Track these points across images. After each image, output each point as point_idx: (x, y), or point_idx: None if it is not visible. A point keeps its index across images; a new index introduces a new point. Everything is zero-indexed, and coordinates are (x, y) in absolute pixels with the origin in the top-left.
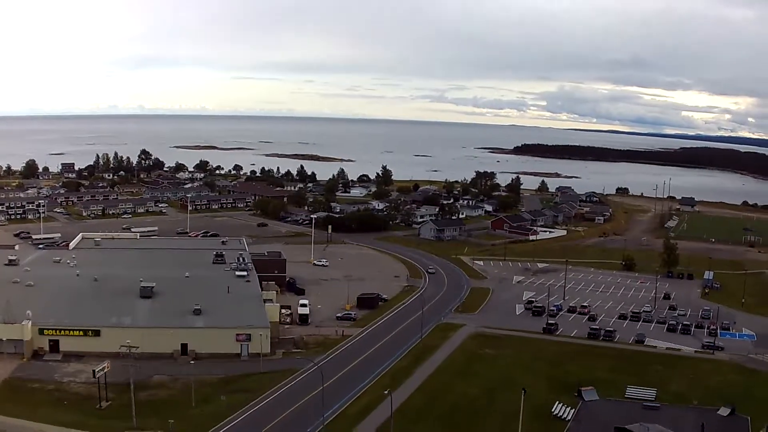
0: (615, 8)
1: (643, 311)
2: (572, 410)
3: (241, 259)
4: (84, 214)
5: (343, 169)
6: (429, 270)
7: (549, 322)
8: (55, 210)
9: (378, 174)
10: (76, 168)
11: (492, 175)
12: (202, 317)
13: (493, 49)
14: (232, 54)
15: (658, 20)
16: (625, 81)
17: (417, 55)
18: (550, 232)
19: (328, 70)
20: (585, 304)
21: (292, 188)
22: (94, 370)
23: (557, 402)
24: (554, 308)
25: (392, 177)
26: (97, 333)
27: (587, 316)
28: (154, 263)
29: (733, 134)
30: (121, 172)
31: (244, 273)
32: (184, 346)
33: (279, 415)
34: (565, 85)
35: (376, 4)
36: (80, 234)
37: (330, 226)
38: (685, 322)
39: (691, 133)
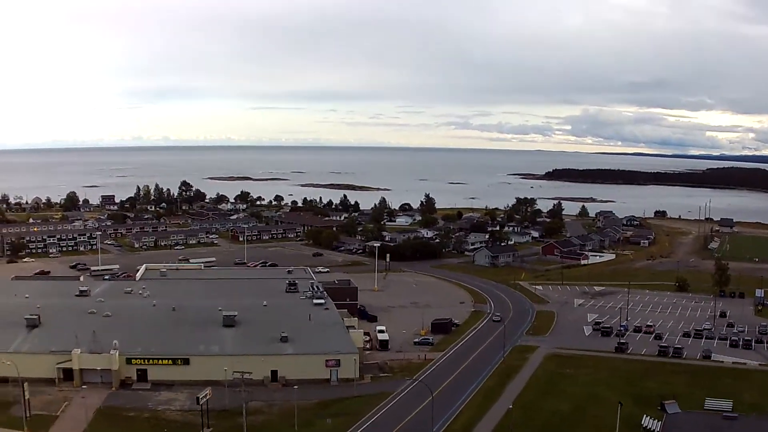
0: (633, 29)
1: (705, 329)
2: (659, 422)
3: (315, 288)
4: (136, 245)
5: (384, 198)
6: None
7: (620, 341)
8: (105, 242)
9: (422, 202)
10: (117, 200)
11: (533, 201)
12: (290, 344)
13: (517, 74)
14: (254, 84)
15: (677, 40)
16: (648, 103)
17: (440, 82)
18: (600, 256)
19: (351, 99)
20: (649, 323)
21: (339, 218)
22: (197, 397)
23: (645, 415)
24: (621, 328)
25: (435, 205)
26: (186, 361)
27: (653, 335)
28: (226, 293)
29: (757, 153)
30: (163, 204)
31: (322, 301)
32: (274, 373)
33: None
34: (589, 108)
35: (397, 31)
36: (143, 265)
37: (388, 255)
38: (745, 338)
39: (716, 153)
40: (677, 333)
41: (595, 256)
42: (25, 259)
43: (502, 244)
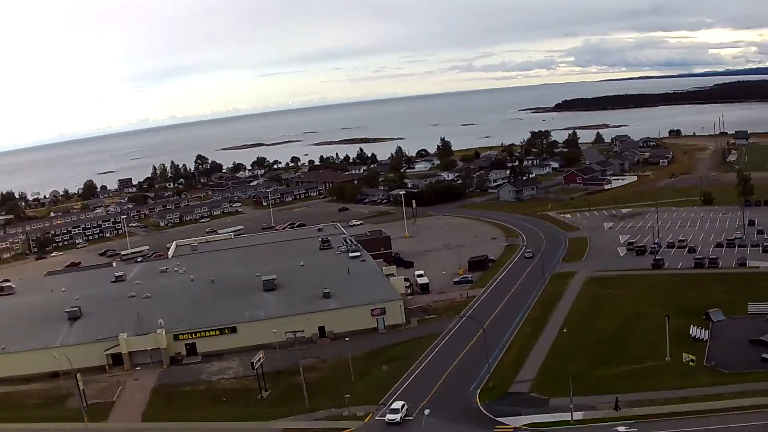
0: None
1: (736, 238)
2: (706, 331)
3: (349, 242)
4: (162, 224)
5: (400, 147)
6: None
7: (656, 258)
8: (130, 225)
9: (438, 146)
10: (134, 182)
11: (547, 133)
12: (334, 299)
13: (516, 13)
14: (256, 52)
15: None
16: (648, 27)
17: (440, 29)
18: (622, 179)
19: (354, 55)
20: (682, 238)
21: (358, 171)
22: (252, 362)
23: (692, 325)
24: (655, 246)
25: (451, 147)
26: (233, 330)
27: (687, 249)
28: (261, 258)
29: (761, 65)
30: (181, 180)
31: (358, 253)
32: (321, 329)
33: (443, 372)
34: (591, 38)
35: None
36: (173, 242)
37: (414, 201)
38: None
39: (721, 69)
40: (710, 245)
41: (617, 179)
42: (53, 254)
43: (524, 178)
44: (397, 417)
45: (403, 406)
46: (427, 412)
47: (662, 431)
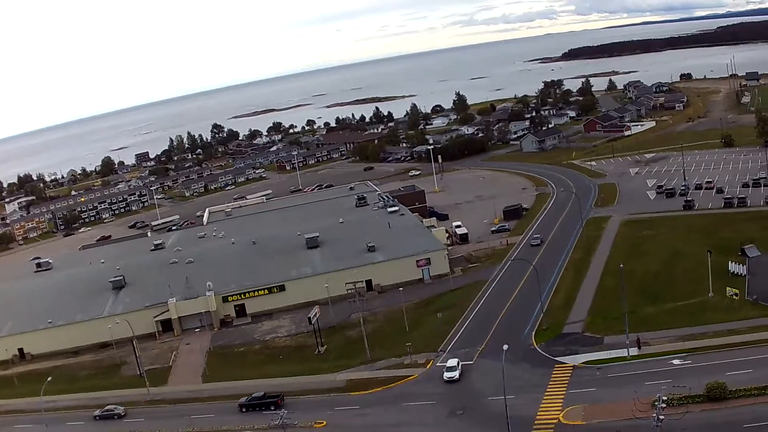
0: None
1: (761, 177)
2: (744, 266)
3: (386, 198)
4: (187, 194)
5: (415, 104)
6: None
7: (687, 199)
8: (156, 197)
9: (454, 101)
10: (152, 156)
11: (560, 83)
12: (379, 252)
13: None
14: (257, 20)
15: None
16: None
17: None
18: (641, 125)
19: (356, 15)
20: (708, 179)
21: (376, 130)
22: (309, 317)
23: (729, 261)
24: (683, 188)
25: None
26: (282, 288)
27: (714, 190)
28: (298, 219)
29: (762, 6)
30: (199, 150)
31: (396, 208)
32: (368, 283)
33: (496, 317)
34: None
35: None
36: (206, 209)
37: (440, 156)
38: None
39: (722, 11)
40: (736, 185)
41: (636, 125)
42: (80, 230)
43: (545, 128)
44: (455, 374)
45: (458, 363)
46: (505, 347)
47: (714, 362)
